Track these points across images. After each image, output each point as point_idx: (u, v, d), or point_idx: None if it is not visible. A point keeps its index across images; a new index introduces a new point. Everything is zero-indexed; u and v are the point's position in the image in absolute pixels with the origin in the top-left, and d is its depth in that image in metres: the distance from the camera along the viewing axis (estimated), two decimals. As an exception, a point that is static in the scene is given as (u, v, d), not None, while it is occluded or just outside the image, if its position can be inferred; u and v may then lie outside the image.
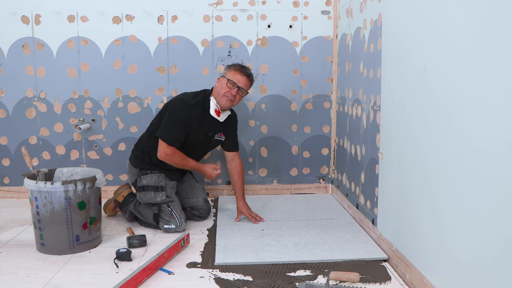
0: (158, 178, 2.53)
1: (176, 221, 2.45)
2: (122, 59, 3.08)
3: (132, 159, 2.65)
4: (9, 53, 3.06)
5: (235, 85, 2.46)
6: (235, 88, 2.46)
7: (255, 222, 2.59)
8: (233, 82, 2.46)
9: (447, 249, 1.52)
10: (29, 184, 2.10)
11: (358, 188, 2.63)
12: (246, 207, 2.66)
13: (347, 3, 2.84)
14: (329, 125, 3.26)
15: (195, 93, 2.61)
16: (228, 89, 2.46)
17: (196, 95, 2.58)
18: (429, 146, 1.65)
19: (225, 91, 2.46)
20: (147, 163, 2.57)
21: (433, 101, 1.62)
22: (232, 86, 2.46)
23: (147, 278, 1.85)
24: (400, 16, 1.95)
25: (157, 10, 3.06)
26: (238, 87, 2.47)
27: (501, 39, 1.22)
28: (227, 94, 2.46)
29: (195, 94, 2.58)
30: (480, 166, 1.32)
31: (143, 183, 2.53)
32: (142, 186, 2.53)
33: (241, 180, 2.68)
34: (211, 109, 2.51)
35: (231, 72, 2.49)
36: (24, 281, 1.85)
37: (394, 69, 2.03)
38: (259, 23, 3.12)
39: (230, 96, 2.46)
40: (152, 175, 2.53)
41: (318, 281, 1.85)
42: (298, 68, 3.17)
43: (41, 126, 3.14)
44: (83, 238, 2.17)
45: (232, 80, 2.46)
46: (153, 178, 2.53)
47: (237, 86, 2.46)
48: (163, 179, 2.53)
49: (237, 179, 2.67)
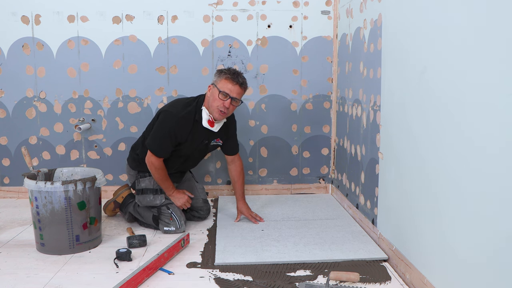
0: None
1: (176, 223, 2.44)
2: (122, 59, 3.08)
3: (130, 161, 2.64)
4: (9, 53, 3.06)
5: (227, 96, 2.32)
6: (227, 99, 2.33)
7: (255, 222, 2.59)
8: (225, 93, 2.32)
9: (449, 248, 1.52)
10: (29, 184, 2.10)
11: (358, 188, 2.63)
12: (246, 207, 2.65)
13: (347, 3, 2.84)
14: (329, 125, 3.26)
15: (187, 102, 2.46)
16: (220, 101, 2.32)
17: (187, 104, 2.44)
18: (430, 146, 1.65)
19: (217, 104, 2.33)
20: (145, 166, 2.55)
21: (433, 100, 1.62)
22: (225, 98, 2.32)
23: (147, 278, 1.85)
24: (400, 16, 1.95)
25: (157, 10, 3.06)
26: (230, 97, 2.33)
27: (501, 38, 1.22)
28: (220, 108, 2.33)
29: (187, 104, 2.44)
30: (481, 165, 1.32)
31: (142, 186, 2.52)
32: (140, 189, 2.52)
33: (241, 181, 2.66)
34: (204, 120, 2.40)
35: (222, 81, 2.34)
36: (24, 281, 1.85)
37: (394, 69, 2.03)
38: (259, 23, 3.12)
39: (223, 109, 2.34)
40: (150, 178, 2.52)
41: (318, 281, 1.85)
42: (298, 68, 3.18)
43: (41, 126, 3.14)
44: (83, 238, 2.17)
45: (224, 91, 2.32)
46: (151, 180, 2.52)
47: (229, 97, 2.33)
48: None
49: (237, 179, 2.66)
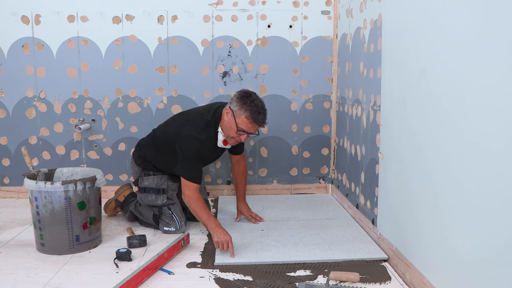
0: (160, 180, 2.51)
1: (176, 224, 2.44)
2: (122, 59, 3.08)
3: (136, 157, 2.61)
4: (9, 53, 3.06)
5: (246, 134, 2.31)
6: (245, 135, 2.32)
7: (254, 222, 2.59)
8: (243, 131, 2.28)
9: (450, 248, 1.51)
10: (29, 184, 2.10)
11: (358, 188, 2.63)
12: (246, 207, 2.65)
13: (347, 3, 2.84)
14: (329, 125, 3.26)
15: (206, 121, 2.35)
16: (237, 136, 2.31)
17: (206, 124, 2.34)
18: (430, 145, 1.65)
19: (233, 136, 2.31)
20: (149, 165, 2.55)
21: (434, 100, 1.62)
22: (242, 134, 2.30)
23: (147, 278, 1.85)
24: (400, 16, 1.95)
25: (157, 10, 3.06)
26: (248, 133, 2.31)
27: (501, 38, 1.22)
28: (236, 139, 2.33)
29: (206, 124, 2.34)
30: (482, 164, 1.32)
31: (145, 184, 2.52)
32: (143, 188, 2.52)
33: (243, 181, 2.67)
34: (219, 141, 2.37)
35: (242, 118, 2.25)
36: (24, 281, 1.85)
37: (394, 69, 2.03)
38: (259, 23, 3.12)
39: (238, 141, 2.36)
40: (154, 177, 2.52)
41: (318, 281, 1.85)
42: (298, 68, 3.18)
43: (41, 126, 3.14)
44: (83, 238, 2.17)
45: (242, 129, 2.27)
46: (155, 180, 2.51)
47: (247, 133, 2.30)
48: (165, 181, 2.51)
49: (240, 180, 2.67)
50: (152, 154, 2.51)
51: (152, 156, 2.52)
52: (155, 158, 2.51)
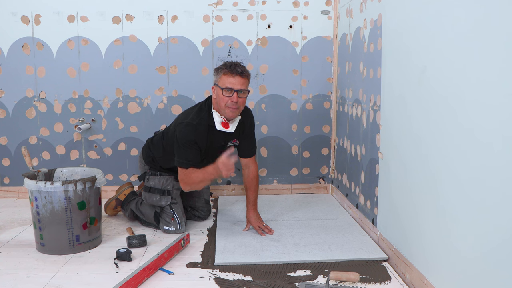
0: (166, 181, 2.49)
1: (177, 224, 2.44)
2: (122, 59, 3.08)
3: (145, 155, 2.60)
4: (9, 53, 3.06)
5: (232, 91, 2.19)
6: (233, 94, 2.19)
7: (262, 235, 2.37)
8: (229, 89, 2.19)
9: (451, 248, 1.51)
10: (29, 184, 2.10)
11: (358, 188, 2.63)
12: (255, 217, 2.44)
13: (347, 3, 2.84)
14: (329, 125, 3.26)
15: (198, 108, 2.34)
16: (227, 98, 2.20)
17: (199, 110, 2.32)
18: (431, 144, 1.65)
19: (225, 102, 2.21)
20: (157, 165, 2.54)
21: (434, 99, 1.62)
22: (229, 93, 2.19)
23: (147, 278, 1.85)
24: (400, 16, 1.95)
25: (157, 10, 3.06)
26: (235, 91, 2.20)
27: (501, 37, 1.22)
28: (229, 104, 2.21)
29: (198, 110, 2.32)
30: (484, 162, 1.31)
31: (151, 184, 2.51)
32: (149, 187, 2.51)
33: (252, 188, 2.46)
34: (217, 123, 2.28)
35: (221, 78, 2.22)
36: (24, 281, 1.85)
37: (394, 69, 2.03)
38: (259, 23, 3.12)
39: (232, 105, 2.21)
40: (160, 178, 2.50)
41: (318, 281, 1.85)
42: (298, 68, 3.18)
43: (41, 126, 3.14)
44: (83, 238, 2.17)
45: (226, 87, 2.19)
46: (161, 180, 2.50)
47: (234, 90, 2.19)
48: (171, 182, 2.49)
49: (249, 186, 2.47)
50: (161, 156, 2.50)
51: (160, 158, 2.51)
52: (163, 160, 2.50)
